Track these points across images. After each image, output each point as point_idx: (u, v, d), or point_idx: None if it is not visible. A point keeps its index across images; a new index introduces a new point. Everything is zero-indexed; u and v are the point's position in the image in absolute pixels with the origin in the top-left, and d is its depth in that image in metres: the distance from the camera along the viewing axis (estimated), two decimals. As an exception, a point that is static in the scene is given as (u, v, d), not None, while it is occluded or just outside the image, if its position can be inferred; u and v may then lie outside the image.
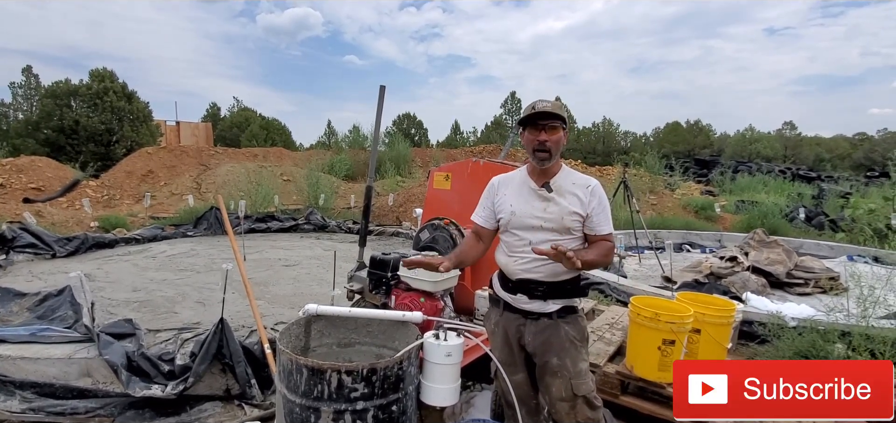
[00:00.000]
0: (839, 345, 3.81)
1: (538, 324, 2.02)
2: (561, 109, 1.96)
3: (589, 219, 1.98)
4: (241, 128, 31.41)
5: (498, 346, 2.16)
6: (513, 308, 2.07)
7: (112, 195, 14.37)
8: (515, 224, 2.03)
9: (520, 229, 2.02)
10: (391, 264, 2.72)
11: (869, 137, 42.95)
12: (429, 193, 3.42)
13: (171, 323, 3.75)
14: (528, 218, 2.00)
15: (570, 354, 1.99)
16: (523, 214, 2.01)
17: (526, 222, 2.00)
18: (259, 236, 8.36)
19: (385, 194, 11.65)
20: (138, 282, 5.07)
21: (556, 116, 1.93)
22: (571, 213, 1.97)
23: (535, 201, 2.01)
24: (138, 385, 2.86)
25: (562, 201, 1.98)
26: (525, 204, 2.02)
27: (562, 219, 1.96)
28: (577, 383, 1.98)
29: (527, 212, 2.01)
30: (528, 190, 2.04)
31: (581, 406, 2.00)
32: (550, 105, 1.95)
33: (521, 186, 2.07)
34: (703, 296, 3.32)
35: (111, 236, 7.50)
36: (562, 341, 1.99)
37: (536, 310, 2.01)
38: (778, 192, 13.78)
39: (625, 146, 42.32)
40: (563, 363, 1.99)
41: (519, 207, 2.03)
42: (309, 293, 4.72)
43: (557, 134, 1.95)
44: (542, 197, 2.00)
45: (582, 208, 1.97)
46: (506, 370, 2.11)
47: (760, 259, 5.73)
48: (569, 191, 1.99)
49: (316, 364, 1.90)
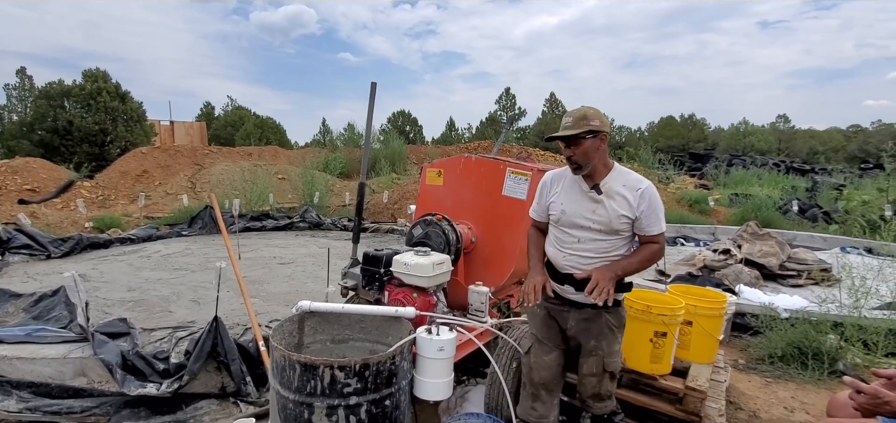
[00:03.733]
0: (831, 336, 3.85)
1: (582, 312, 2.13)
2: (585, 119, 1.98)
3: (638, 221, 2.02)
4: (235, 127, 31.26)
5: (539, 325, 2.27)
6: (559, 296, 2.17)
7: (107, 196, 14.29)
8: (565, 222, 2.11)
9: (569, 226, 2.10)
10: (384, 260, 2.73)
11: (863, 129, 43.20)
12: (421, 189, 3.42)
13: (165, 322, 3.75)
14: (578, 217, 2.08)
15: (606, 337, 2.13)
16: (573, 213, 2.08)
17: (575, 221, 2.08)
18: (254, 235, 8.35)
19: (380, 192, 11.64)
20: (133, 282, 5.06)
21: (576, 134, 1.97)
22: (619, 216, 2.01)
23: (585, 202, 2.07)
24: (133, 384, 2.86)
25: (611, 204, 2.02)
26: (575, 203, 2.09)
27: (610, 221, 2.02)
28: (608, 361, 2.15)
29: (576, 211, 2.08)
30: (579, 190, 2.09)
31: (606, 380, 2.19)
32: (572, 121, 2.00)
33: (573, 185, 2.12)
34: (695, 288, 3.35)
35: (106, 236, 7.48)
36: (601, 327, 2.12)
37: (581, 301, 2.09)
38: (772, 185, 13.86)
39: (620, 141, 42.40)
40: (599, 344, 2.14)
41: (569, 206, 2.10)
42: (304, 291, 4.72)
43: (583, 146, 1.98)
44: (591, 198, 2.06)
45: (630, 211, 2.01)
46: (541, 347, 2.26)
47: (753, 252, 5.77)
48: (618, 193, 2.02)
49: (309, 360, 1.91)
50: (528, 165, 3.04)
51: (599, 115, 2.02)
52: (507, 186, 3.07)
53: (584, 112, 2.01)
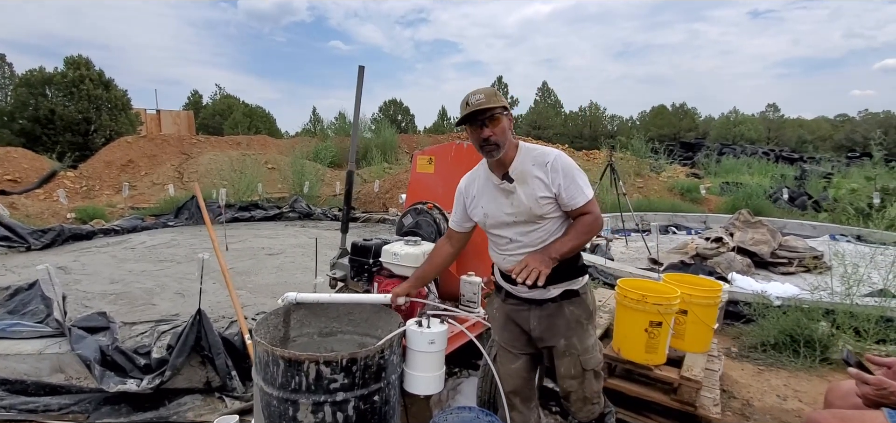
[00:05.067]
0: (823, 323, 3.85)
1: (543, 309, 1.97)
2: (497, 96, 1.84)
3: (559, 197, 1.83)
4: (223, 116, 30.76)
5: (499, 330, 2.12)
6: (515, 296, 2.02)
7: (91, 186, 13.98)
8: (491, 224, 1.97)
9: (496, 227, 1.96)
10: (373, 250, 2.64)
11: (850, 118, 43.75)
12: (412, 177, 3.32)
13: (148, 315, 3.64)
14: (500, 216, 1.93)
15: (576, 333, 1.96)
16: (494, 213, 1.94)
17: (499, 220, 1.93)
18: (242, 226, 8.20)
19: (371, 181, 11.50)
20: (116, 274, 4.92)
21: (494, 108, 1.80)
22: (538, 199, 1.84)
23: (501, 197, 1.92)
24: (112, 380, 2.75)
25: (525, 190, 1.86)
26: (493, 202, 1.94)
27: (530, 209, 1.85)
28: (585, 359, 1.97)
29: (496, 211, 1.93)
30: (492, 187, 1.94)
31: (589, 380, 2.00)
32: (484, 97, 1.81)
33: (486, 182, 1.97)
34: (689, 277, 3.31)
35: (89, 227, 7.29)
36: (567, 322, 1.95)
37: (538, 297, 1.95)
38: (762, 173, 13.96)
39: (611, 130, 42.52)
40: (570, 343, 1.96)
41: (488, 207, 1.95)
42: (292, 282, 4.62)
43: (501, 123, 1.82)
44: (505, 191, 1.90)
45: (548, 190, 1.83)
46: (506, 355, 2.10)
47: (745, 240, 5.77)
48: (530, 174, 1.85)
49: (293, 355, 1.82)
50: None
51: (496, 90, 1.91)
52: (500, 173, 2.98)
53: (492, 89, 1.86)
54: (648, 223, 7.59)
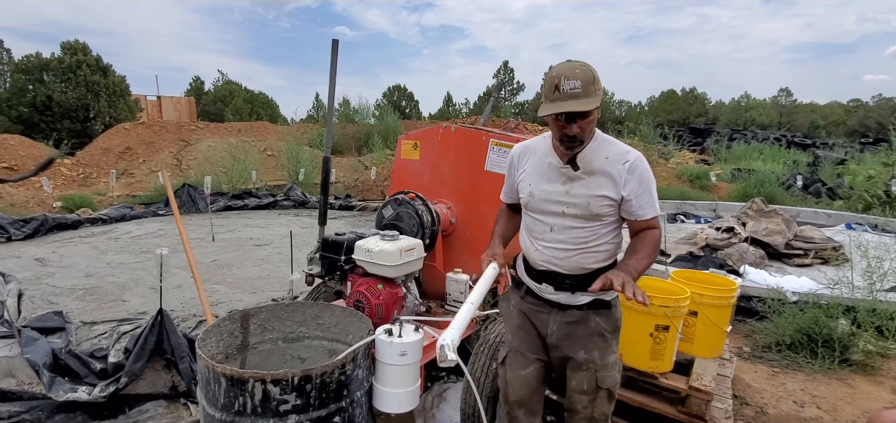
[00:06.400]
0: (843, 321, 3.55)
1: (565, 315, 1.73)
2: (594, 83, 1.49)
3: (626, 202, 1.60)
4: (225, 102, 30.47)
5: (513, 331, 1.88)
6: (536, 295, 1.78)
7: (88, 174, 13.82)
8: (534, 207, 1.72)
9: (539, 213, 1.71)
10: (345, 246, 2.37)
11: (863, 103, 42.67)
12: (396, 163, 3.04)
13: (115, 313, 3.40)
14: (548, 202, 1.67)
15: (598, 346, 1.73)
16: (543, 196, 1.68)
17: (545, 207, 1.68)
18: (234, 214, 7.97)
19: (369, 168, 11.22)
20: (93, 266, 4.69)
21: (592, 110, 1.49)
22: (600, 196, 1.61)
23: (557, 182, 1.66)
24: (62, 388, 2.53)
25: (590, 182, 1.61)
26: (545, 183, 1.68)
27: (588, 204, 1.62)
28: (602, 376, 1.74)
29: (547, 194, 1.67)
30: (550, 167, 1.67)
31: (601, 399, 1.76)
32: (581, 85, 1.45)
33: (543, 159, 1.70)
34: (700, 274, 3.01)
35: (75, 216, 7.07)
36: (591, 333, 1.73)
37: (563, 302, 1.73)
38: (773, 159, 13.52)
39: (619, 116, 41.82)
40: (590, 357, 1.73)
41: (538, 186, 1.70)
42: (275, 276, 4.37)
43: (592, 116, 1.53)
44: (566, 176, 1.64)
45: (615, 191, 1.59)
46: (517, 359, 1.86)
47: (758, 229, 5.44)
48: (600, 169, 1.60)
49: (235, 373, 1.56)
50: (514, 136, 2.66)
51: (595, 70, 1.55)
52: (491, 159, 2.69)
53: (590, 72, 1.50)
54: (655, 212, 7.26)
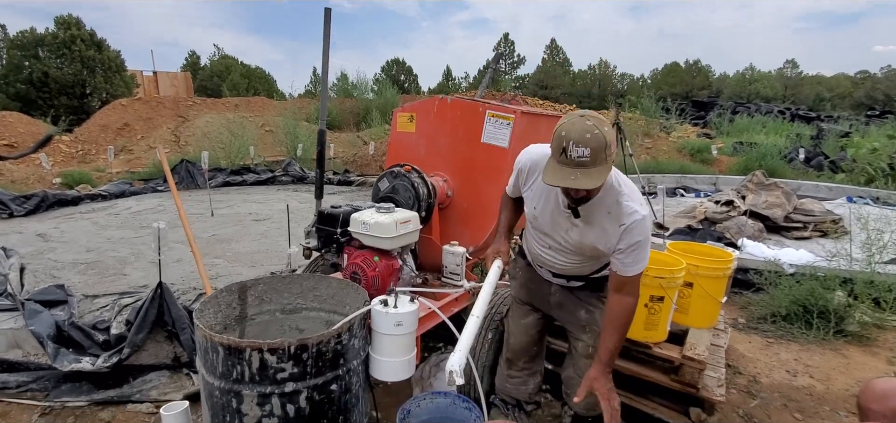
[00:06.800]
0: (840, 292, 3.57)
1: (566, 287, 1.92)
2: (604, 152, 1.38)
3: (615, 255, 1.64)
4: (221, 77, 30.10)
5: (518, 286, 2.06)
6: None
7: (87, 151, 13.77)
8: (537, 227, 1.82)
9: (540, 232, 1.83)
10: (340, 218, 2.37)
11: (871, 74, 41.94)
12: (392, 136, 3.01)
13: (117, 286, 3.44)
14: (548, 228, 1.78)
15: (599, 308, 1.88)
16: (544, 222, 1.78)
17: (545, 231, 1.80)
18: (233, 190, 7.97)
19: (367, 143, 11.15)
20: (93, 242, 4.72)
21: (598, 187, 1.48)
22: (592, 246, 1.69)
23: (559, 217, 1.73)
24: (67, 358, 2.57)
25: (586, 231, 1.67)
26: (548, 213, 1.75)
27: (581, 248, 1.73)
28: None
29: (547, 222, 1.77)
30: (555, 201, 1.72)
31: None
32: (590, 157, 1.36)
33: (551, 190, 1.71)
34: (696, 246, 3.01)
35: (74, 192, 7.08)
36: (590, 296, 1.89)
37: (562, 284, 1.91)
38: (777, 133, 13.39)
39: (621, 89, 41.27)
40: (592, 317, 1.87)
41: (542, 212, 1.77)
42: (274, 250, 4.39)
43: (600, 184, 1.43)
44: (565, 217, 1.71)
45: (606, 245, 1.65)
46: (519, 309, 2.05)
47: (758, 203, 5.43)
48: (598, 221, 1.64)
49: (233, 342, 1.58)
50: (511, 108, 2.62)
51: (609, 125, 1.47)
52: (487, 132, 2.66)
53: (602, 137, 1.38)
54: (655, 186, 7.24)
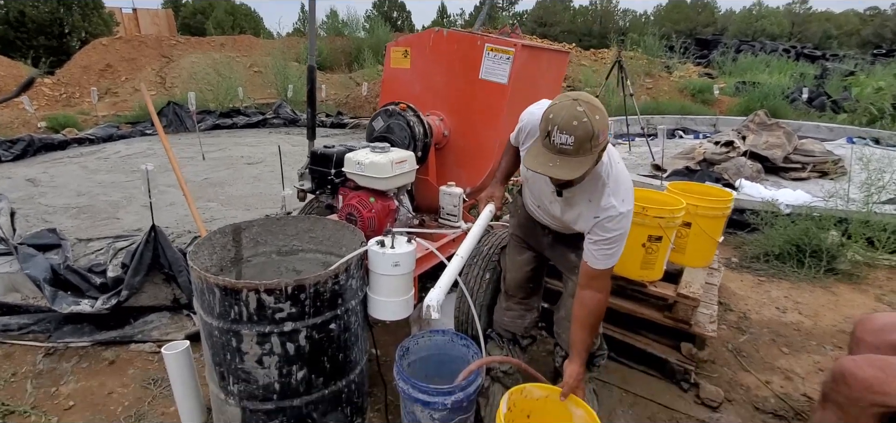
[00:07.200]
0: (834, 232, 3.60)
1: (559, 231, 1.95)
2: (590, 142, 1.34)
3: (586, 244, 1.65)
4: (205, 14, 28.65)
5: (516, 224, 2.11)
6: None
7: (71, 93, 13.30)
8: (529, 186, 1.88)
9: (533, 195, 1.88)
10: (334, 158, 2.30)
11: (881, 11, 40.52)
12: (385, 73, 2.88)
13: (110, 230, 3.40)
14: (539, 194, 1.82)
15: None
16: (536, 186, 1.82)
17: (536, 194, 1.84)
18: (223, 133, 7.79)
19: (360, 84, 10.81)
20: (84, 186, 4.64)
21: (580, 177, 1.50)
22: (572, 227, 1.74)
23: (545, 188, 1.76)
24: (65, 301, 2.58)
25: (567, 211, 1.72)
26: (539, 180, 1.77)
27: (562, 221, 1.78)
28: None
29: (539, 188, 1.80)
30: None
31: None
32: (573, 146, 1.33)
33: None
34: (696, 186, 2.99)
35: (61, 137, 6.89)
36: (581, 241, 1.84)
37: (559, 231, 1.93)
38: (780, 72, 13.06)
39: (623, 26, 39.82)
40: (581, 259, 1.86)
41: (535, 179, 1.80)
42: (268, 194, 4.33)
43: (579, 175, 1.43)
44: (552, 191, 1.73)
45: (583, 228, 1.68)
46: (516, 245, 2.09)
47: (758, 143, 5.37)
48: (578, 206, 1.67)
49: (229, 283, 1.57)
50: (511, 41, 2.49)
51: (603, 114, 1.38)
52: (486, 66, 2.54)
53: (589, 127, 1.33)
54: (654, 127, 7.12)
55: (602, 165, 1.58)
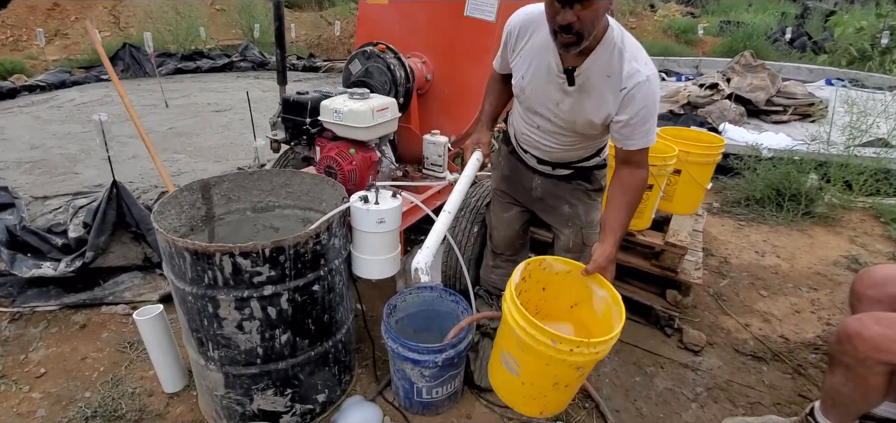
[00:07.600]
0: (813, 175, 3.65)
1: (550, 177, 1.80)
2: None
3: (616, 128, 1.44)
4: (161, -55, 26.19)
5: (499, 179, 1.98)
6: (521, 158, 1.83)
7: (18, 36, 12.14)
8: (524, 101, 1.62)
9: (529, 110, 1.63)
10: (309, 106, 2.12)
11: (863, -53, 40.02)
12: (360, 11, 2.64)
13: (67, 186, 3.16)
14: (538, 103, 1.57)
15: (582, 201, 1.80)
16: (533, 94, 1.56)
17: (536, 107, 1.59)
18: (187, 77, 7.26)
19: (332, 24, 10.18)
20: (37, 138, 4.28)
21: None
22: (587, 121, 1.49)
23: (550, 87, 1.51)
24: (25, 264, 2.40)
25: (581, 101, 1.46)
26: (541, 82, 1.52)
27: (574, 123, 1.52)
28: (588, 233, 1.83)
29: (538, 94, 1.55)
30: (547, 69, 1.49)
31: (587, 257, 1.78)
32: None
33: (543, 53, 1.48)
34: (686, 131, 2.93)
35: (9, 84, 6.31)
36: (574, 189, 1.79)
37: (546, 171, 1.78)
38: (764, 11, 12.89)
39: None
40: (574, 211, 1.81)
41: (531, 81, 1.54)
42: (239, 143, 4.09)
43: (595, 7, 1.23)
44: (559, 87, 1.49)
45: (604, 115, 1.45)
46: (500, 203, 1.98)
47: (743, 86, 5.32)
48: (597, 88, 1.42)
49: (200, 247, 1.44)
50: (500, -27, 2.28)
51: None
52: (471, 3, 2.34)
53: None
54: (639, 69, 6.97)
55: (612, 30, 1.39)
